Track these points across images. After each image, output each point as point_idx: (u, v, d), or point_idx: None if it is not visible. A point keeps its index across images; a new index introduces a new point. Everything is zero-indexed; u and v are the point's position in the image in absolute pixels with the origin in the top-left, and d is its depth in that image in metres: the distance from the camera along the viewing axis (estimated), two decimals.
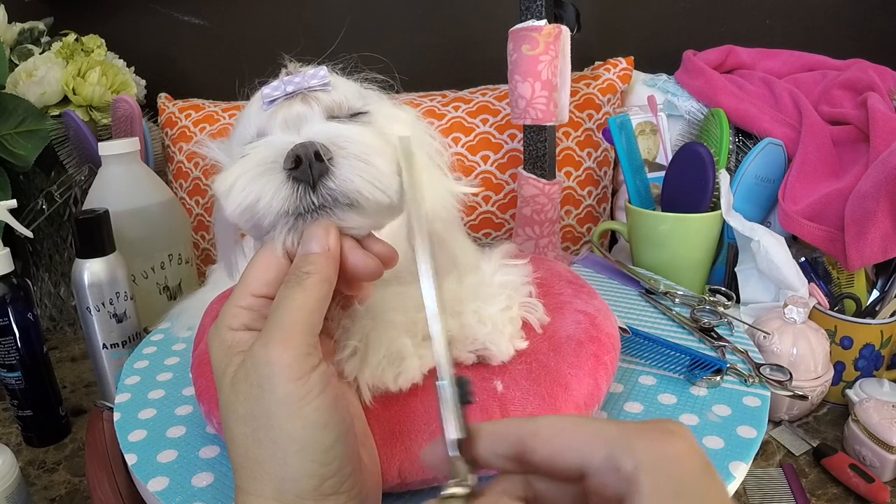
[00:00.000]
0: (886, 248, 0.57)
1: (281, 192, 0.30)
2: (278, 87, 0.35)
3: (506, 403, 0.36)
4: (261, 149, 0.32)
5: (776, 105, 0.74)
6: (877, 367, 0.60)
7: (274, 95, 0.35)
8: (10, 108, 0.78)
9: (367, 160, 0.31)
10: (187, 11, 1.02)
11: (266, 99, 0.35)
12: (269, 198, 0.30)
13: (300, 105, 0.35)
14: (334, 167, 0.30)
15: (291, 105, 0.35)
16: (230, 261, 0.43)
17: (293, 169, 0.30)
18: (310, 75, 0.35)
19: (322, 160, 0.30)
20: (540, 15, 0.62)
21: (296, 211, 0.31)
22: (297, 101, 0.35)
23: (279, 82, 0.35)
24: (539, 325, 0.42)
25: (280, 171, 0.30)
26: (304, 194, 0.30)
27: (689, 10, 0.91)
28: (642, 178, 0.74)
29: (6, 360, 0.59)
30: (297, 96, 0.35)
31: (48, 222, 0.84)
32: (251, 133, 0.36)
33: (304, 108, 0.35)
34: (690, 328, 0.54)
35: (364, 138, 0.32)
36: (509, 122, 0.82)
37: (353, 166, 0.31)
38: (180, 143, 0.90)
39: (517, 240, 0.72)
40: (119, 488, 0.43)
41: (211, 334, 0.30)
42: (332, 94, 0.36)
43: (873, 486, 0.48)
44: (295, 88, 0.35)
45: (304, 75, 0.35)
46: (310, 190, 0.30)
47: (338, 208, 0.31)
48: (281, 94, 0.35)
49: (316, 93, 0.35)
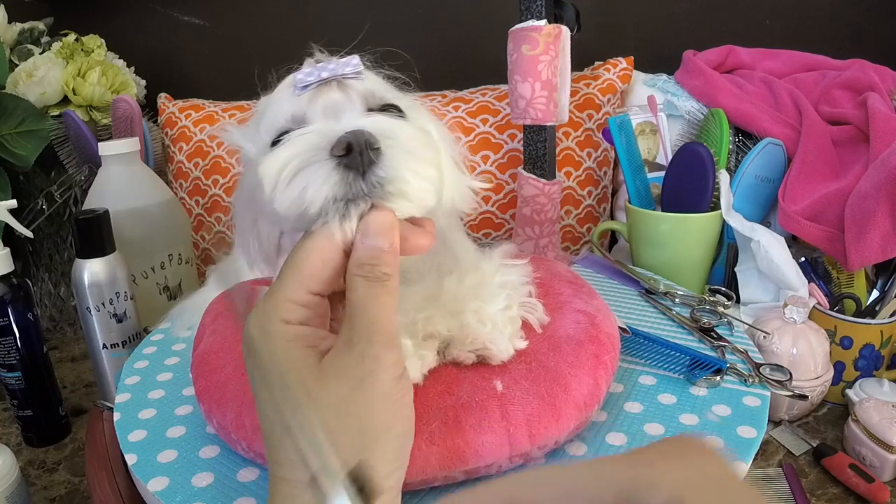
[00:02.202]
0: (886, 248, 0.57)
1: (331, 179, 0.30)
2: (312, 74, 0.35)
3: (506, 403, 0.36)
4: (310, 135, 0.32)
5: (776, 105, 0.74)
6: (877, 367, 0.60)
7: (308, 81, 0.35)
8: (10, 108, 0.78)
9: (414, 152, 0.32)
10: (187, 11, 1.02)
11: (299, 84, 0.35)
12: (320, 183, 0.30)
13: (337, 92, 0.35)
14: (382, 157, 0.31)
15: (329, 92, 0.35)
16: (249, 246, 0.42)
17: (343, 156, 0.30)
18: (343, 63, 0.35)
19: (372, 149, 0.31)
20: (540, 15, 0.62)
21: (344, 197, 0.31)
22: (334, 88, 0.35)
23: (313, 69, 0.35)
24: (539, 324, 0.42)
25: (329, 157, 0.31)
26: (353, 181, 0.31)
27: (689, 10, 0.91)
28: (642, 178, 0.74)
29: (6, 360, 0.59)
30: (332, 83, 0.35)
31: (48, 222, 0.84)
32: (284, 118, 0.36)
33: (342, 95, 0.35)
34: (690, 328, 0.54)
35: (409, 131, 0.33)
36: (509, 122, 0.82)
37: (401, 157, 0.31)
38: (180, 143, 0.89)
39: (517, 240, 0.72)
40: (119, 488, 0.43)
41: (260, 324, 0.30)
42: (364, 82, 0.36)
43: (873, 486, 0.48)
44: (330, 75, 0.35)
45: (337, 63, 0.35)
46: (360, 177, 0.31)
47: (385, 197, 0.31)
48: (315, 80, 0.35)
49: (350, 81, 0.36)
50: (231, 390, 0.40)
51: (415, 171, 0.32)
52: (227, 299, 0.51)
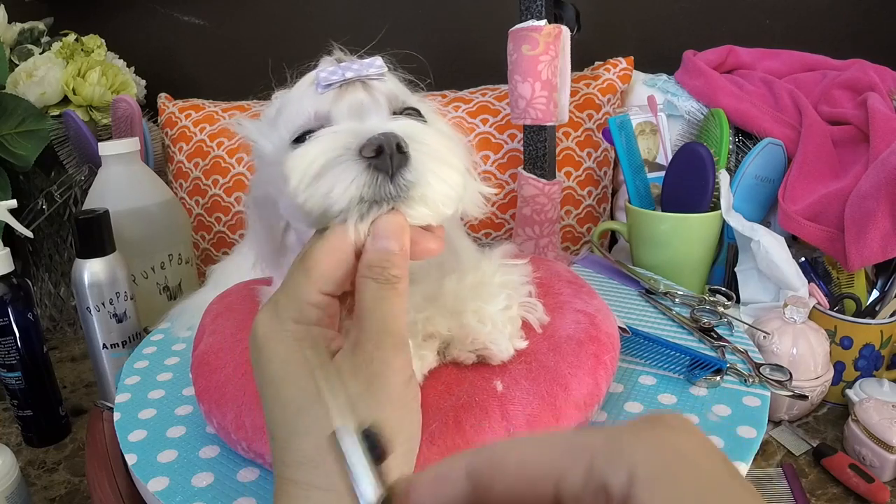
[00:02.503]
0: (886, 248, 0.57)
1: (361, 179, 0.30)
2: (335, 73, 0.35)
3: (506, 403, 0.36)
4: (339, 134, 0.32)
5: (776, 105, 0.74)
6: (877, 367, 0.60)
7: (331, 80, 0.35)
8: (10, 108, 0.78)
9: (441, 158, 0.32)
10: (187, 11, 1.02)
11: (322, 83, 0.35)
12: (348, 183, 0.30)
13: (363, 93, 0.35)
14: (410, 161, 0.31)
15: (354, 92, 0.35)
16: (265, 245, 0.42)
17: (373, 157, 0.31)
18: (367, 63, 0.36)
19: (403, 152, 0.31)
20: (540, 15, 0.62)
21: (371, 198, 0.31)
22: (359, 88, 0.35)
23: (336, 68, 0.35)
24: (539, 324, 0.42)
25: (358, 157, 0.31)
26: (382, 183, 0.31)
27: (689, 10, 0.91)
28: (642, 178, 0.74)
29: (6, 360, 0.59)
30: (356, 83, 0.35)
31: (48, 222, 0.84)
32: (305, 116, 0.36)
33: (367, 96, 0.35)
34: (690, 328, 0.54)
35: (436, 137, 0.33)
36: (509, 122, 0.82)
37: (428, 162, 0.32)
38: (180, 143, 0.89)
39: (517, 240, 0.72)
40: (119, 488, 0.43)
41: (270, 324, 0.29)
42: (387, 83, 0.36)
43: (873, 486, 0.48)
44: (354, 75, 0.35)
45: (361, 63, 0.36)
46: (388, 180, 0.31)
47: (409, 201, 0.32)
48: (339, 79, 0.35)
49: (373, 82, 0.36)
50: (231, 391, 0.40)
51: (441, 176, 0.32)
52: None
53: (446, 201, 0.33)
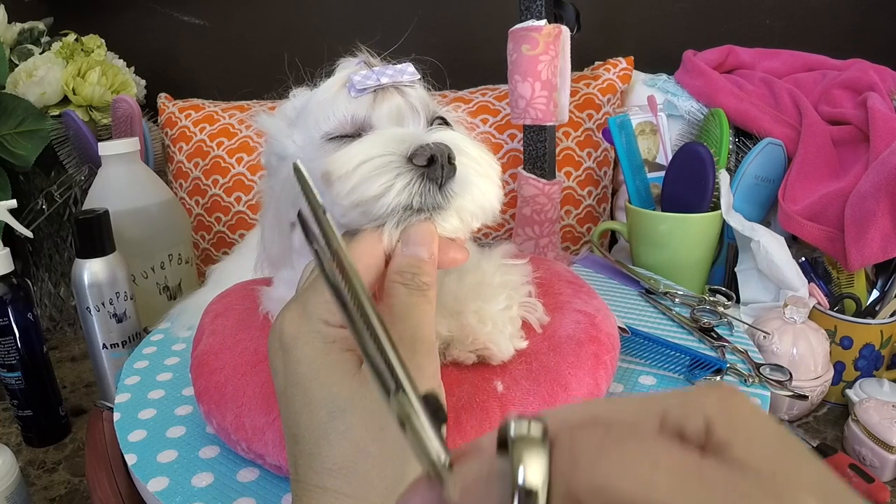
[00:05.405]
0: (886, 248, 0.57)
1: (413, 186, 0.31)
2: (370, 77, 0.35)
3: (506, 403, 0.36)
4: (388, 140, 0.32)
5: (776, 105, 0.74)
6: (877, 367, 0.60)
7: (366, 85, 0.35)
8: (10, 108, 0.78)
9: (484, 172, 0.33)
10: (187, 11, 1.02)
11: (357, 86, 0.35)
12: (401, 188, 0.31)
13: (400, 99, 0.36)
14: (457, 173, 0.32)
15: (392, 98, 0.36)
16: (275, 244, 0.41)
17: (425, 167, 0.31)
18: (400, 69, 0.36)
19: (452, 163, 0.31)
20: (540, 15, 0.62)
21: (418, 206, 0.31)
22: (395, 95, 0.36)
23: (369, 72, 0.35)
24: (539, 324, 0.42)
25: (406, 165, 0.31)
26: (431, 192, 0.31)
27: (689, 10, 0.91)
28: (642, 178, 0.74)
29: (6, 360, 0.59)
30: (390, 89, 0.36)
31: (48, 222, 0.84)
32: (341, 118, 0.36)
33: (404, 103, 0.36)
34: (690, 328, 0.54)
35: (477, 149, 0.34)
36: (509, 122, 0.82)
37: (472, 175, 0.33)
38: (180, 143, 0.89)
39: (517, 240, 0.72)
40: (119, 488, 0.43)
41: (297, 324, 0.29)
42: (419, 90, 0.37)
43: (873, 486, 0.48)
44: (389, 81, 0.35)
45: (394, 69, 0.36)
46: (437, 190, 0.31)
47: (449, 211, 0.32)
48: (374, 84, 0.35)
49: (406, 88, 0.36)
50: (230, 391, 0.40)
51: (482, 189, 0.33)
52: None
53: (480, 214, 0.33)
